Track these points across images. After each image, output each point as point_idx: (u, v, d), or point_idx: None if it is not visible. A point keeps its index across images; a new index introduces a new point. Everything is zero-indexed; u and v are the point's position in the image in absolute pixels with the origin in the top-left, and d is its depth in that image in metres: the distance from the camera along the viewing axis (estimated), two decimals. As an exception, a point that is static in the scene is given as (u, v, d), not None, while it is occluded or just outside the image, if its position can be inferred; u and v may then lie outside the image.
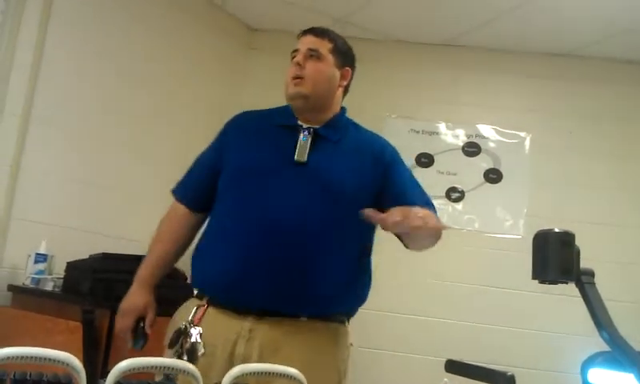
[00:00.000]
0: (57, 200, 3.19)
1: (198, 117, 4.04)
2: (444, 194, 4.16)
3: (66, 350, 0.93)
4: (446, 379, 1.52)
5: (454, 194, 4.15)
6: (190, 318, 1.84)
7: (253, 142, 2.03)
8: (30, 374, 0.93)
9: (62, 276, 2.84)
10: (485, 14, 3.82)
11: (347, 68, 2.09)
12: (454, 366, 1.59)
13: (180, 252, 2.11)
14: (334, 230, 1.90)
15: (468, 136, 4.22)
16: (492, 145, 4.19)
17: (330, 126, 2.02)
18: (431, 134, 4.25)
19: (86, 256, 2.85)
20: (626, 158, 4.09)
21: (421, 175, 4.14)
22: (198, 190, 2.08)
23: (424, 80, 4.34)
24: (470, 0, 3.72)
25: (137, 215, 3.58)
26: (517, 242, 3.97)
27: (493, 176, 4.15)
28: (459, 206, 4.14)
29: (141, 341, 1.96)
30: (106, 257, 2.83)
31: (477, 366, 1.49)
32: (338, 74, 2.05)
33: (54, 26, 3.18)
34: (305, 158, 1.92)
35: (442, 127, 4.25)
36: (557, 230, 1.17)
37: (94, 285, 2.65)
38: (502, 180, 4.14)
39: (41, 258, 2.89)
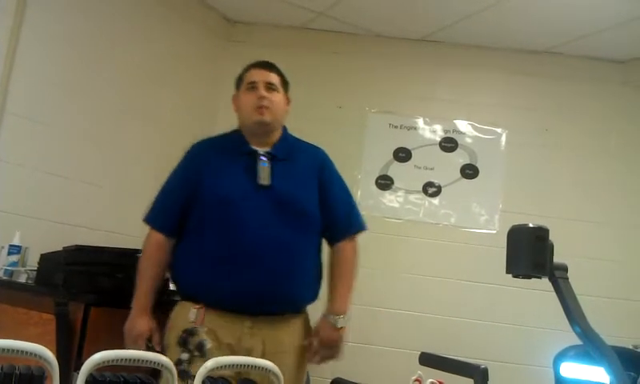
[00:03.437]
0: (31, 191, 3.15)
1: (176, 110, 4.01)
2: (421, 189, 4.18)
3: (39, 343, 0.92)
4: (419, 372, 1.53)
5: (431, 189, 4.18)
6: (192, 319, 2.19)
7: (221, 171, 2.35)
8: (2, 367, 0.92)
9: (36, 268, 2.81)
10: (463, 10, 3.83)
11: (288, 95, 2.49)
12: (427, 359, 1.60)
13: (164, 273, 2.42)
14: (301, 242, 2.32)
15: (445, 131, 4.25)
16: (468, 140, 4.22)
17: (279, 147, 2.40)
18: (409, 129, 4.27)
19: (60, 248, 2.82)
20: (600, 155, 4.14)
21: (398, 170, 4.22)
22: (174, 218, 2.36)
23: (403, 75, 4.35)
24: (448, -4, 3.74)
25: (112, 208, 3.56)
26: (492, 237, 4.01)
27: (469, 171, 4.18)
28: (436, 200, 4.16)
29: None
30: (79, 249, 2.80)
31: (450, 359, 1.50)
32: (285, 101, 2.46)
33: (30, 16, 3.12)
34: (268, 182, 2.30)
35: (419, 122, 4.27)
36: (531, 225, 1.19)
37: (68, 277, 2.62)
38: (478, 175, 4.17)
39: (14, 249, 2.85)
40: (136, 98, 3.73)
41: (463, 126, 4.25)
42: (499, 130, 4.22)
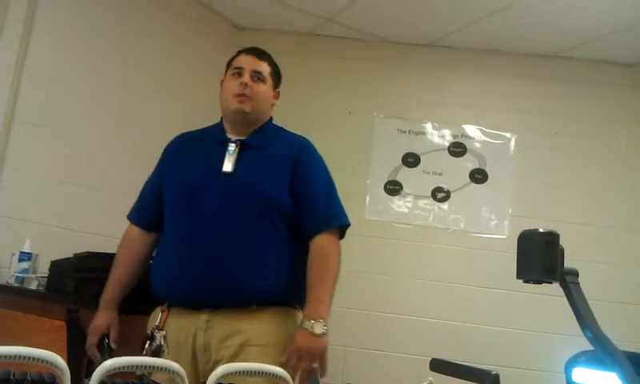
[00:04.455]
0: (41, 198, 3.17)
1: (182, 117, 4.01)
2: (430, 194, 4.17)
3: (50, 350, 0.93)
4: (430, 378, 1.53)
5: (440, 194, 4.17)
6: (156, 323, 2.13)
7: (187, 160, 2.27)
8: (14, 374, 0.92)
9: (47, 275, 2.82)
10: (471, 14, 3.83)
11: (278, 90, 2.37)
12: (438, 365, 1.59)
13: (138, 271, 2.34)
14: (260, 229, 2.13)
15: (454, 136, 4.24)
16: (477, 145, 4.21)
17: (255, 135, 2.26)
18: (418, 134, 4.26)
19: (70, 255, 2.83)
20: (610, 159, 4.12)
21: (407, 175, 4.21)
22: (148, 211, 2.34)
23: (411, 80, 4.35)
24: (455, 1, 3.73)
25: (122, 214, 3.55)
26: (501, 242, 4.00)
27: (478, 176, 4.17)
28: (445, 205, 4.16)
29: (106, 355, 2.19)
30: (90, 255, 2.80)
31: (461, 365, 1.49)
32: (272, 94, 2.33)
33: (39, 24, 3.15)
34: (231, 168, 2.16)
35: (428, 127, 4.27)
36: (541, 230, 1.18)
37: (79, 283, 2.62)
38: (488, 180, 4.16)
39: (25, 256, 2.86)
40: (146, 105, 3.75)
41: (472, 130, 4.24)
42: (508, 135, 4.21)
